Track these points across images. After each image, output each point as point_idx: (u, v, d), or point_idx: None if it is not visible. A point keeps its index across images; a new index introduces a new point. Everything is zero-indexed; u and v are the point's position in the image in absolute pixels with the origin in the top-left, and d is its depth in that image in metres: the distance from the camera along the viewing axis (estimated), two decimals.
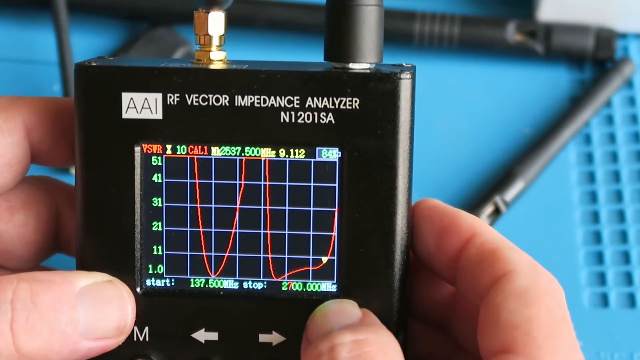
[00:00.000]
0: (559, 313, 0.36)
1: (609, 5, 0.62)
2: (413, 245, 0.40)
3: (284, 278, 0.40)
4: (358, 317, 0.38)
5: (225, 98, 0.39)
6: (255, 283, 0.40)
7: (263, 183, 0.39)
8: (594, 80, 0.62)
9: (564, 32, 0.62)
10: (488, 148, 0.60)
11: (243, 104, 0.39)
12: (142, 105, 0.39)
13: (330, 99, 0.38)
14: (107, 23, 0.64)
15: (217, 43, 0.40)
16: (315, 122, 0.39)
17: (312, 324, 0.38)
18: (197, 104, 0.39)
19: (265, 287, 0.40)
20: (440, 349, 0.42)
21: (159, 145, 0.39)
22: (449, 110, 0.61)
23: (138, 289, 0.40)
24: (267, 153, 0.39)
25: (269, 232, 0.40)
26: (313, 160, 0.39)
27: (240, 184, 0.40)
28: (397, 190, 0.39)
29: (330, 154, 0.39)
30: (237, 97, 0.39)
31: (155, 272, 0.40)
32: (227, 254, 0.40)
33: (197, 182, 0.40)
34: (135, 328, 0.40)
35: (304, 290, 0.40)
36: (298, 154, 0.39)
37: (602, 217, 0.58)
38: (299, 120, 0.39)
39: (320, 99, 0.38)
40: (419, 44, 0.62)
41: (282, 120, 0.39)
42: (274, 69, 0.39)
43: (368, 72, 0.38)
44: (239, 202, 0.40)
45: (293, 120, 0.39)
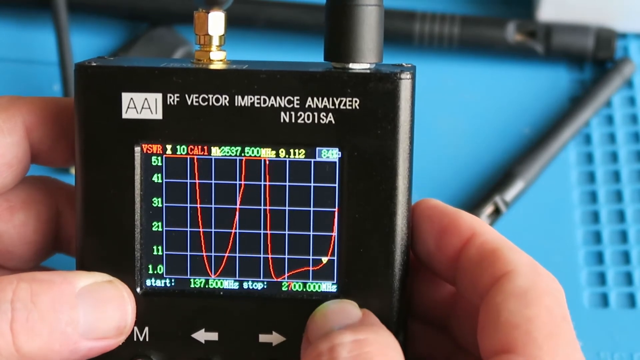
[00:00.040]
0: (559, 313, 0.36)
1: (609, 5, 0.62)
2: (413, 245, 0.40)
3: (284, 278, 0.40)
4: (358, 317, 0.38)
5: (225, 98, 0.39)
6: (255, 283, 0.40)
7: (263, 183, 0.39)
8: (594, 80, 0.62)
9: (564, 32, 0.62)
10: (488, 148, 0.60)
11: (243, 104, 0.39)
12: (142, 106, 0.39)
13: (330, 99, 0.38)
14: (107, 23, 0.64)
15: (217, 43, 0.40)
16: (315, 122, 0.39)
17: (312, 324, 0.38)
18: (197, 104, 0.39)
19: (265, 287, 0.40)
20: (440, 349, 0.42)
21: (159, 146, 0.39)
22: (449, 110, 0.61)
23: (138, 289, 0.40)
24: (267, 153, 0.39)
25: (269, 232, 0.40)
26: (313, 161, 0.39)
27: (240, 184, 0.40)
28: (397, 190, 0.39)
29: (330, 154, 0.39)
30: (237, 97, 0.39)
31: (155, 272, 0.40)
32: (227, 254, 0.40)
33: (197, 182, 0.40)
34: (135, 328, 0.40)
35: (304, 291, 0.40)
36: (298, 154, 0.39)
37: (602, 217, 0.58)
38: (299, 121, 0.39)
39: (320, 99, 0.38)
40: (419, 44, 0.62)
41: (282, 121, 0.39)
42: (274, 69, 0.38)
43: (368, 72, 0.38)
44: (239, 202, 0.40)
45: (293, 121, 0.39)
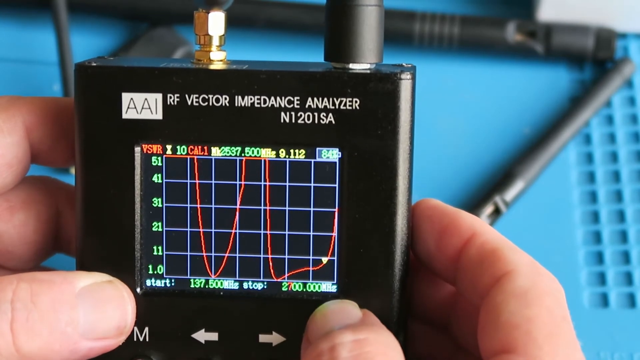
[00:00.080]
0: (560, 313, 0.36)
1: (609, 5, 0.62)
2: (413, 245, 0.40)
3: (284, 278, 0.40)
4: (358, 317, 0.38)
5: (226, 98, 0.39)
6: (255, 283, 0.40)
7: (263, 183, 0.39)
8: (594, 80, 0.62)
9: (564, 32, 0.62)
10: (488, 148, 0.60)
11: (243, 104, 0.39)
12: (142, 106, 0.39)
13: (331, 99, 0.38)
14: (107, 23, 0.64)
15: (217, 43, 0.40)
16: (316, 122, 0.39)
17: (312, 324, 0.38)
18: (197, 104, 0.39)
19: (265, 287, 0.40)
20: (441, 349, 0.42)
21: (159, 146, 0.39)
22: (449, 110, 0.61)
23: (138, 289, 0.40)
24: (267, 153, 0.39)
25: (269, 232, 0.40)
26: (313, 161, 0.39)
27: (241, 185, 0.40)
28: (397, 191, 0.39)
29: (331, 155, 0.39)
30: (237, 97, 0.39)
31: (155, 272, 0.40)
32: (227, 255, 0.40)
33: (197, 182, 0.40)
34: (135, 328, 0.40)
35: (304, 291, 0.40)
36: (298, 155, 0.39)
37: (602, 217, 0.58)
38: (299, 121, 0.39)
39: (321, 99, 0.38)
40: (419, 44, 0.62)
41: (282, 121, 0.39)
42: (274, 69, 0.38)
43: (368, 72, 0.38)
44: (239, 202, 0.40)
45: (293, 121, 0.39)
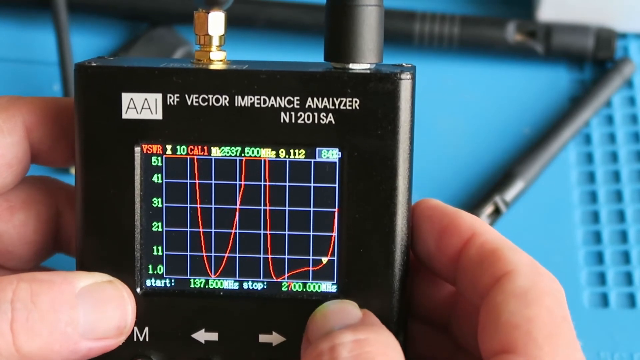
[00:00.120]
0: (560, 313, 0.36)
1: (609, 5, 0.62)
2: (413, 245, 0.40)
3: (284, 278, 0.40)
4: (358, 317, 0.38)
5: (225, 98, 0.39)
6: (255, 283, 0.40)
7: (263, 183, 0.39)
8: (594, 80, 0.62)
9: (564, 32, 0.62)
10: (488, 148, 0.60)
11: (243, 104, 0.39)
12: (142, 106, 0.39)
13: (331, 99, 0.38)
14: (107, 23, 0.64)
15: (217, 43, 0.40)
16: (316, 122, 0.39)
17: (312, 324, 0.38)
18: (197, 104, 0.39)
19: (265, 287, 0.40)
20: (441, 349, 0.42)
21: (159, 146, 0.39)
22: (449, 110, 0.61)
23: (138, 289, 0.40)
24: (267, 153, 0.39)
25: (269, 232, 0.40)
26: (313, 161, 0.39)
27: (240, 185, 0.40)
28: (397, 191, 0.39)
29: (331, 155, 0.39)
30: (237, 97, 0.39)
31: (155, 272, 0.40)
32: (227, 255, 0.40)
33: (197, 182, 0.40)
34: (135, 328, 0.40)
35: (304, 291, 0.40)
36: (298, 155, 0.39)
37: (602, 217, 0.58)
38: (299, 121, 0.39)
39: (321, 100, 0.38)
40: (419, 44, 0.62)
41: (282, 121, 0.39)
42: (274, 69, 0.38)
43: (368, 72, 0.38)
44: (239, 202, 0.40)
45: (293, 121, 0.39)
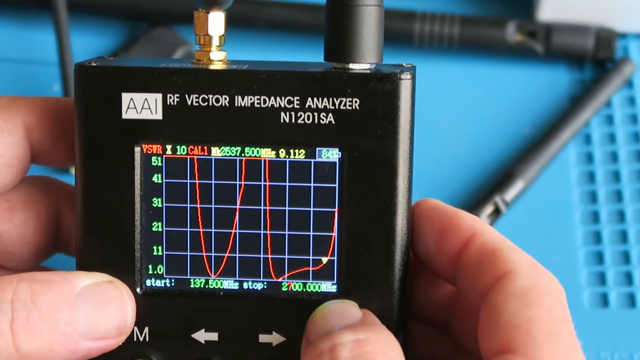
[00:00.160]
0: (560, 313, 0.36)
1: (609, 5, 0.62)
2: (413, 245, 0.40)
3: (284, 278, 0.40)
4: (358, 317, 0.38)
5: (225, 98, 0.39)
6: (255, 283, 0.40)
7: (263, 183, 0.39)
8: (594, 80, 0.62)
9: (564, 32, 0.62)
10: (488, 148, 0.60)
11: (243, 104, 0.39)
12: (142, 106, 0.39)
13: (331, 99, 0.38)
14: (107, 23, 0.64)
15: (217, 43, 0.40)
16: (316, 122, 0.39)
17: (312, 324, 0.38)
18: (197, 104, 0.39)
19: (265, 287, 0.40)
20: (441, 349, 0.42)
21: (159, 146, 0.39)
22: (449, 110, 0.61)
23: (138, 289, 0.40)
24: (267, 153, 0.39)
25: (269, 232, 0.40)
26: (313, 161, 0.39)
27: (240, 185, 0.40)
28: (397, 191, 0.39)
29: (331, 155, 0.39)
30: (237, 97, 0.39)
31: (155, 272, 0.40)
32: (227, 255, 0.40)
33: (197, 182, 0.40)
34: (135, 328, 0.40)
35: (304, 291, 0.40)
36: (298, 155, 0.39)
37: (602, 217, 0.58)
38: (299, 121, 0.39)
39: (321, 99, 0.38)
40: (419, 44, 0.62)
41: (282, 121, 0.39)
42: (274, 69, 0.38)
43: (368, 72, 0.38)
44: (239, 202, 0.40)
45: (293, 121, 0.39)
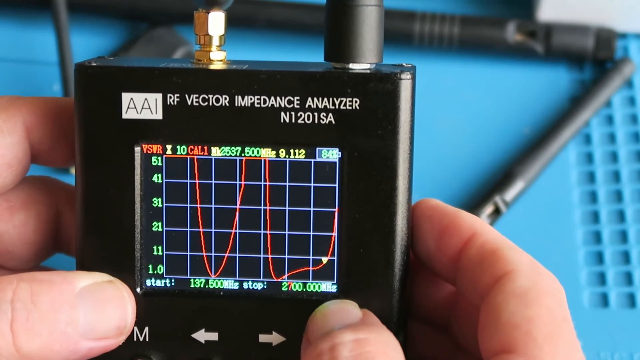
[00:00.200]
0: (560, 313, 0.36)
1: (609, 5, 0.62)
2: (413, 245, 0.40)
3: (284, 278, 0.40)
4: (358, 317, 0.38)
5: (226, 98, 0.39)
6: (255, 283, 0.40)
7: (263, 183, 0.39)
8: (594, 80, 0.62)
9: (564, 32, 0.62)
10: (488, 148, 0.60)
11: (243, 104, 0.39)
12: (142, 106, 0.39)
13: (331, 99, 0.38)
14: (107, 23, 0.64)
15: (217, 43, 0.40)
16: (316, 122, 0.39)
17: (312, 324, 0.38)
18: (197, 104, 0.39)
19: (265, 287, 0.40)
20: (441, 349, 0.42)
21: (159, 146, 0.39)
22: (449, 110, 0.61)
23: (138, 289, 0.40)
24: (267, 153, 0.39)
25: (269, 232, 0.40)
26: (313, 161, 0.39)
27: (241, 184, 0.40)
28: (397, 191, 0.39)
29: (331, 154, 0.39)
30: (237, 97, 0.39)
31: (155, 272, 0.40)
32: (227, 254, 0.40)
33: (197, 182, 0.40)
34: (135, 328, 0.40)
35: (304, 291, 0.40)
36: (298, 154, 0.39)
37: (602, 217, 0.58)
38: (299, 121, 0.39)
39: (321, 99, 0.38)
40: (419, 44, 0.62)
41: (282, 121, 0.39)
42: (274, 69, 0.38)
43: (368, 72, 0.38)
44: (239, 202, 0.40)
45: (293, 121, 0.39)
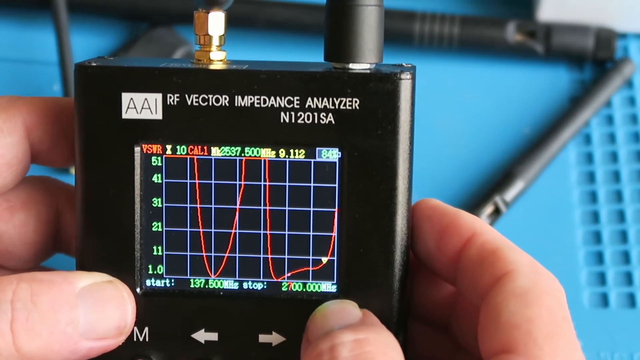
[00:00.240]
0: (560, 313, 0.36)
1: (609, 5, 0.62)
2: (413, 245, 0.40)
3: (284, 278, 0.40)
4: (358, 317, 0.38)
5: (225, 98, 0.39)
6: (255, 283, 0.40)
7: (263, 183, 0.39)
8: (594, 80, 0.62)
9: (564, 32, 0.62)
10: (488, 148, 0.60)
11: (243, 104, 0.39)
12: (142, 106, 0.39)
13: (330, 99, 0.38)
14: (107, 23, 0.64)
15: (217, 43, 0.40)
16: (315, 122, 0.39)
17: (312, 324, 0.38)
18: (197, 104, 0.39)
19: (265, 287, 0.40)
20: (441, 349, 0.42)
21: (159, 146, 0.39)
22: (449, 110, 0.61)
23: (138, 289, 0.40)
24: (267, 153, 0.39)
25: (269, 232, 0.40)
26: (313, 161, 0.39)
27: (240, 185, 0.40)
28: (397, 191, 0.39)
29: (330, 154, 0.39)
30: (237, 97, 0.39)
31: (155, 272, 0.40)
32: (227, 255, 0.40)
33: (197, 182, 0.40)
34: (135, 328, 0.40)
35: (304, 291, 0.40)
36: (298, 154, 0.39)
37: (602, 217, 0.58)
38: (299, 121, 0.39)
39: (320, 99, 0.38)
40: (419, 44, 0.62)
41: (282, 121, 0.39)
42: (274, 69, 0.38)
43: (368, 72, 0.38)
44: (239, 202, 0.40)
45: (293, 121, 0.39)
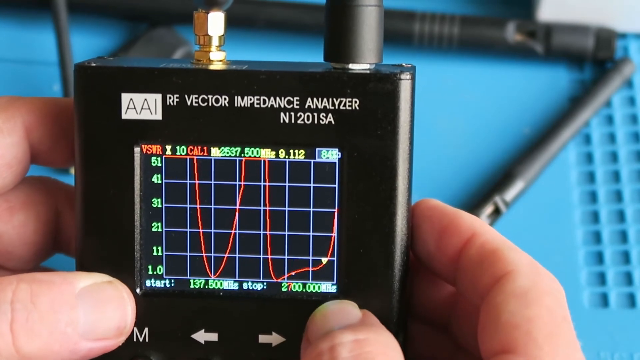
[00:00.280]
0: (560, 313, 0.36)
1: (609, 5, 0.62)
2: (413, 246, 0.40)
3: (284, 279, 0.40)
4: (358, 317, 0.38)
5: (225, 99, 0.39)
6: (255, 284, 0.40)
7: (263, 184, 0.39)
8: (594, 80, 0.62)
9: (564, 32, 0.62)
10: (488, 148, 0.60)
11: (243, 105, 0.39)
12: (141, 106, 0.39)
13: (330, 100, 0.38)
14: (107, 23, 0.64)
15: (216, 43, 0.40)
16: (315, 122, 0.39)
17: (312, 325, 0.38)
18: (196, 105, 0.39)
19: (265, 287, 0.40)
20: (441, 350, 0.42)
21: (159, 146, 0.39)
22: (449, 110, 0.61)
23: (138, 290, 0.40)
24: (266, 154, 0.39)
25: (269, 232, 0.40)
26: (313, 161, 0.39)
27: (240, 185, 0.39)
28: (397, 191, 0.39)
29: (330, 155, 0.39)
30: (236, 97, 0.39)
31: (155, 272, 0.40)
32: (226, 255, 0.40)
33: (196, 182, 0.40)
34: (135, 329, 0.40)
35: (304, 291, 0.40)
36: (298, 155, 0.39)
37: (602, 217, 0.58)
38: (299, 121, 0.39)
39: (320, 100, 0.38)
40: (419, 44, 0.62)
41: (281, 121, 0.39)
42: (274, 70, 0.38)
43: (368, 72, 0.38)
44: (239, 202, 0.40)
45: (293, 121, 0.39)
